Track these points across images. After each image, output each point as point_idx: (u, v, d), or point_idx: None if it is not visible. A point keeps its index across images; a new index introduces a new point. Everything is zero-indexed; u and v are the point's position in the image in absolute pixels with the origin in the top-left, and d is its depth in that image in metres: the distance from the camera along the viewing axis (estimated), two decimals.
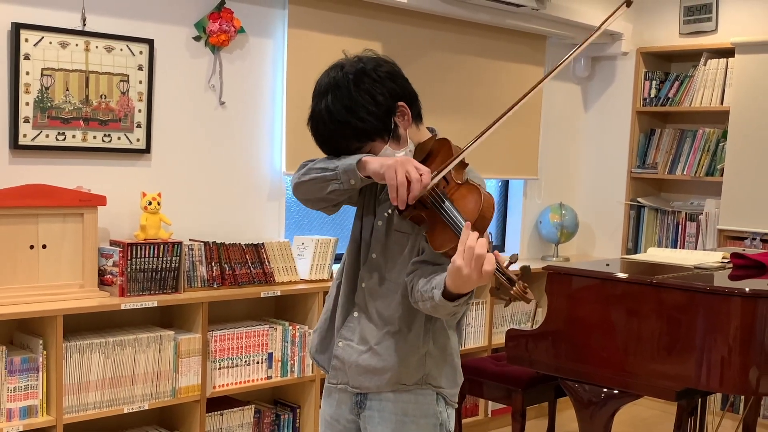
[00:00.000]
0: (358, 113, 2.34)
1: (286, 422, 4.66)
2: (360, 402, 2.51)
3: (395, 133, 2.40)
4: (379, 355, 2.44)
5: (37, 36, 3.88)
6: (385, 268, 2.46)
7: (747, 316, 3.48)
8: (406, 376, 2.45)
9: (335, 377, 2.54)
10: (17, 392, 3.63)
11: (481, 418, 5.67)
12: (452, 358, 2.55)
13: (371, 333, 2.46)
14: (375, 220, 2.49)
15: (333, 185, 2.37)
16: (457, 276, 2.10)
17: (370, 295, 2.48)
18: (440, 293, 2.17)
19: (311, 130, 2.44)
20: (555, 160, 6.53)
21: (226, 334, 4.29)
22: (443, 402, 2.52)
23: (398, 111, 2.40)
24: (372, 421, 2.50)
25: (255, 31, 4.65)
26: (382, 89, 2.38)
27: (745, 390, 3.54)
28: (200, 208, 4.54)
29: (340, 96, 2.35)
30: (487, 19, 5.48)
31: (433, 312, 2.27)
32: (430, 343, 2.46)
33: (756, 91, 5.71)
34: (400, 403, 2.47)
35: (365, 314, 2.48)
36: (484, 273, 2.06)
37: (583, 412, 3.90)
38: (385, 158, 2.29)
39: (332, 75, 2.40)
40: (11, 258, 3.74)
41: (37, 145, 3.93)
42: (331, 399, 2.60)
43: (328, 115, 2.36)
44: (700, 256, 4.50)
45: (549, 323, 4.01)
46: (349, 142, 2.38)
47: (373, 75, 2.38)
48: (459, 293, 2.15)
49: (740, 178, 5.79)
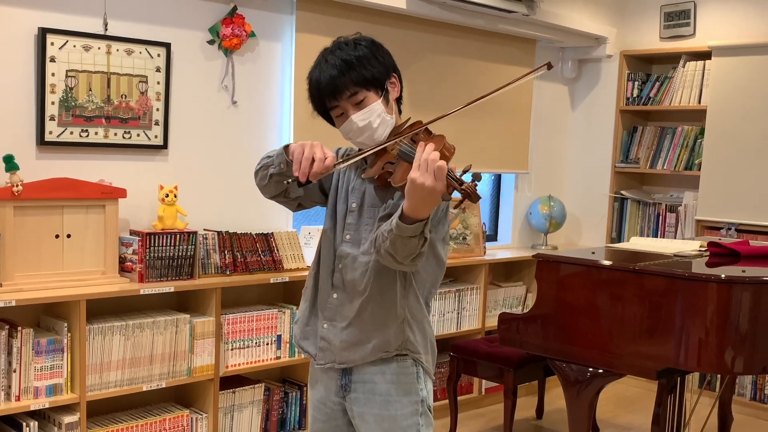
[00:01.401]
0: (362, 61, 2.38)
1: (293, 399, 4.67)
2: (345, 385, 2.51)
3: (386, 95, 2.44)
4: (359, 326, 2.44)
5: (62, 40, 3.88)
6: (358, 244, 2.46)
7: (723, 300, 3.48)
8: (387, 343, 2.43)
9: (323, 358, 2.52)
10: (44, 371, 3.64)
11: (476, 395, 5.67)
12: (426, 328, 2.52)
13: (350, 308, 2.45)
14: (349, 204, 2.50)
15: (271, 170, 2.43)
16: (413, 189, 2.10)
17: (345, 273, 2.47)
18: (398, 218, 2.16)
19: (311, 81, 2.47)
20: (544, 156, 6.52)
21: (237, 318, 4.29)
22: (423, 373, 2.50)
23: (392, 79, 2.46)
24: (358, 402, 2.49)
25: (265, 35, 4.64)
26: (383, 54, 2.45)
27: (721, 369, 3.55)
28: (214, 199, 4.53)
29: (347, 50, 2.41)
30: (481, 24, 5.47)
31: (392, 250, 2.21)
32: (405, 311, 2.45)
33: (731, 92, 5.70)
34: (383, 384, 2.46)
35: (343, 293, 2.48)
36: (437, 170, 2.06)
37: (570, 390, 3.91)
38: (303, 142, 2.31)
39: (340, 39, 2.47)
40: (38, 246, 3.75)
41: (62, 142, 3.93)
42: (318, 385, 2.60)
43: (334, 61, 2.39)
44: (679, 244, 4.50)
45: (538, 307, 4.01)
46: (346, 86, 2.38)
47: (376, 43, 2.47)
48: (416, 218, 2.14)
49: (716, 172, 5.79)
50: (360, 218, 2.47)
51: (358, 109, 2.39)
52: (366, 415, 2.48)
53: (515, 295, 5.93)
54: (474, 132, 5.72)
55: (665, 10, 6.18)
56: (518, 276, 6.08)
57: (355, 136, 2.43)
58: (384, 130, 2.42)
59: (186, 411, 4.18)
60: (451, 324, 5.43)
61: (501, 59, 5.85)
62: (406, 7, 4.94)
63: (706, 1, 6.00)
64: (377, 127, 2.40)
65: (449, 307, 5.38)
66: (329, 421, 2.59)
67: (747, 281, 3.49)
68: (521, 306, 5.94)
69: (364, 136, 2.42)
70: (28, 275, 3.71)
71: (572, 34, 6.07)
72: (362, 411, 2.49)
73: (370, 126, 2.40)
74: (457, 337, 5.39)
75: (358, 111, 2.39)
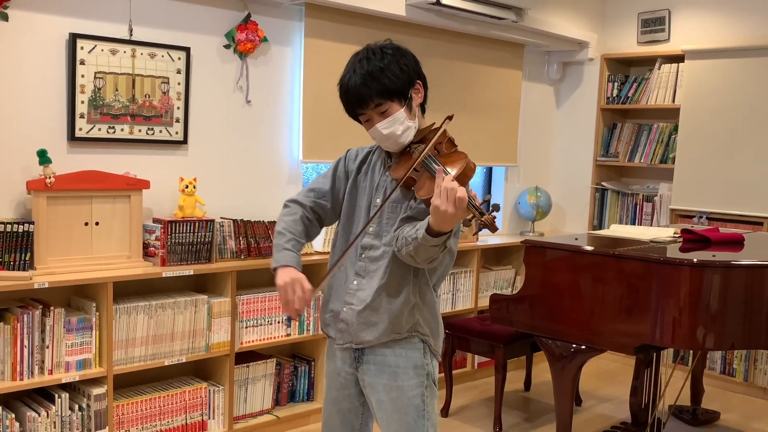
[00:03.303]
0: (387, 73, 2.35)
1: (302, 373, 4.66)
2: (358, 357, 2.51)
3: (409, 103, 2.42)
4: (375, 309, 2.43)
5: (91, 44, 3.85)
6: (380, 236, 2.45)
7: (695, 282, 3.46)
8: (399, 325, 2.44)
9: (342, 339, 2.52)
10: (74, 348, 3.63)
11: (469, 369, 5.66)
12: (435, 312, 2.53)
13: (368, 293, 2.44)
14: (373, 200, 2.49)
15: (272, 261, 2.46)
16: (436, 213, 2.13)
17: (368, 262, 2.47)
18: (424, 230, 2.20)
19: (341, 88, 2.43)
20: (532, 150, 6.50)
21: (251, 298, 4.28)
22: (429, 353, 2.51)
23: (415, 86, 2.44)
24: (369, 373, 2.49)
25: (276, 40, 4.62)
26: (407, 62, 2.42)
27: (693, 345, 3.53)
28: (230, 190, 4.52)
29: (375, 60, 2.37)
30: (474, 30, 5.44)
31: (414, 254, 2.27)
32: (417, 296, 2.45)
33: (702, 92, 5.68)
34: (392, 357, 2.46)
35: (363, 279, 2.47)
36: (458, 201, 2.09)
37: (556, 364, 3.90)
38: (287, 276, 2.35)
39: (369, 47, 2.43)
40: (69, 233, 3.73)
41: (90, 138, 3.91)
42: (333, 357, 2.61)
43: (361, 71, 2.36)
44: (655, 231, 4.48)
45: (526, 289, 4.00)
46: (371, 97, 2.36)
47: (403, 50, 2.44)
48: (440, 231, 2.17)
49: (689, 165, 5.77)
50: (382, 213, 2.46)
51: (383, 117, 2.39)
52: (376, 384, 2.49)
53: (505, 277, 5.91)
54: (468, 129, 5.71)
55: (642, 17, 6.16)
56: (508, 260, 6.07)
57: (382, 141, 2.45)
58: (408, 136, 2.43)
59: (204, 383, 4.17)
60: (447, 304, 5.42)
61: (492, 62, 5.84)
62: (405, 15, 4.92)
63: (680, 9, 5.98)
64: (401, 134, 2.41)
65: (445, 288, 5.36)
66: (342, 390, 2.60)
67: (717, 265, 3.48)
68: (510, 288, 5.93)
69: (389, 142, 2.43)
70: (59, 260, 3.70)
71: (557, 39, 6.05)
72: (373, 381, 2.49)
73: (394, 133, 2.40)
74: (452, 316, 5.38)
75: (383, 119, 2.39)
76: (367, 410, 2.60)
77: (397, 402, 2.46)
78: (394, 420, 2.47)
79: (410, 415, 2.46)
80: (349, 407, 2.60)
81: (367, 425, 2.64)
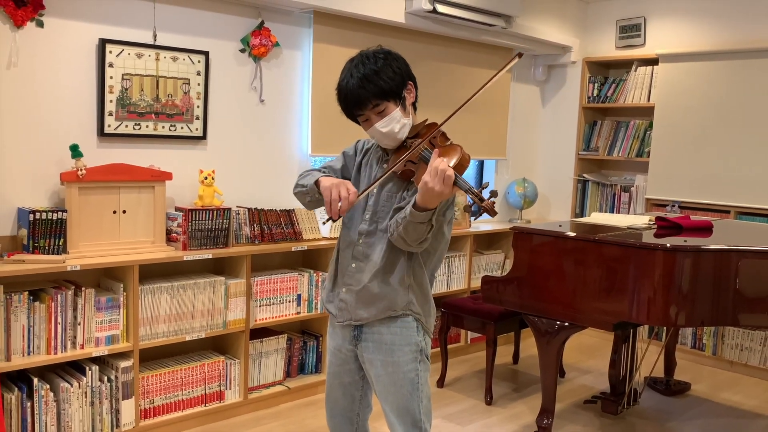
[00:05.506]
0: (382, 75, 2.32)
1: (311, 347, 4.65)
2: (357, 335, 2.50)
3: (403, 102, 2.40)
4: (372, 289, 2.42)
5: (119, 49, 3.83)
6: (377, 223, 2.44)
7: (668, 265, 3.45)
8: (394, 303, 2.42)
9: (341, 316, 2.51)
10: (103, 324, 3.62)
11: (462, 344, 5.65)
12: (427, 293, 2.52)
13: (366, 275, 2.43)
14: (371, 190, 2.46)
15: (307, 198, 2.50)
16: (424, 189, 2.14)
17: (366, 247, 2.45)
18: (411, 206, 2.20)
19: (339, 93, 2.40)
20: (519, 144, 6.47)
21: (264, 280, 4.26)
22: (422, 330, 2.49)
23: (408, 87, 2.41)
24: (367, 349, 2.49)
25: (287, 44, 4.59)
26: (399, 65, 2.39)
27: (667, 322, 3.51)
28: (245, 181, 4.50)
29: (369, 64, 2.34)
30: (467, 35, 5.41)
31: (404, 234, 2.26)
32: (411, 278, 2.43)
33: (675, 92, 5.66)
34: (388, 335, 2.45)
35: (360, 263, 2.46)
36: (446, 179, 2.11)
37: (541, 339, 3.89)
38: (331, 181, 2.34)
39: (363, 53, 2.40)
40: (99, 221, 3.72)
41: (118, 133, 3.89)
42: (335, 335, 2.60)
43: (358, 75, 2.33)
44: (631, 219, 4.46)
45: (515, 271, 3.98)
46: (369, 99, 2.33)
47: (394, 54, 2.41)
48: (425, 207, 2.18)
49: (663, 158, 5.75)
50: (378, 202, 2.45)
51: (380, 117, 2.36)
52: (374, 360, 2.48)
53: (495, 261, 5.89)
54: (461, 125, 5.68)
55: (620, 23, 6.12)
56: (498, 245, 6.05)
57: (381, 140, 2.43)
58: (404, 132, 2.42)
59: (222, 357, 4.16)
60: (443, 285, 5.40)
61: (483, 65, 5.81)
62: (405, 22, 4.89)
63: (654, 16, 5.95)
64: (398, 131, 2.39)
65: (441, 271, 5.34)
66: (343, 365, 2.59)
67: (688, 249, 3.46)
68: (500, 270, 5.92)
69: (388, 139, 2.41)
70: (90, 244, 3.69)
71: (543, 44, 6.02)
72: (371, 357, 2.48)
73: (392, 131, 2.38)
74: (447, 296, 5.37)
75: (380, 119, 2.36)
76: (366, 383, 2.60)
77: (393, 376, 2.45)
78: (390, 392, 2.47)
79: (405, 388, 2.45)
80: (349, 380, 2.60)
81: (366, 396, 2.64)
